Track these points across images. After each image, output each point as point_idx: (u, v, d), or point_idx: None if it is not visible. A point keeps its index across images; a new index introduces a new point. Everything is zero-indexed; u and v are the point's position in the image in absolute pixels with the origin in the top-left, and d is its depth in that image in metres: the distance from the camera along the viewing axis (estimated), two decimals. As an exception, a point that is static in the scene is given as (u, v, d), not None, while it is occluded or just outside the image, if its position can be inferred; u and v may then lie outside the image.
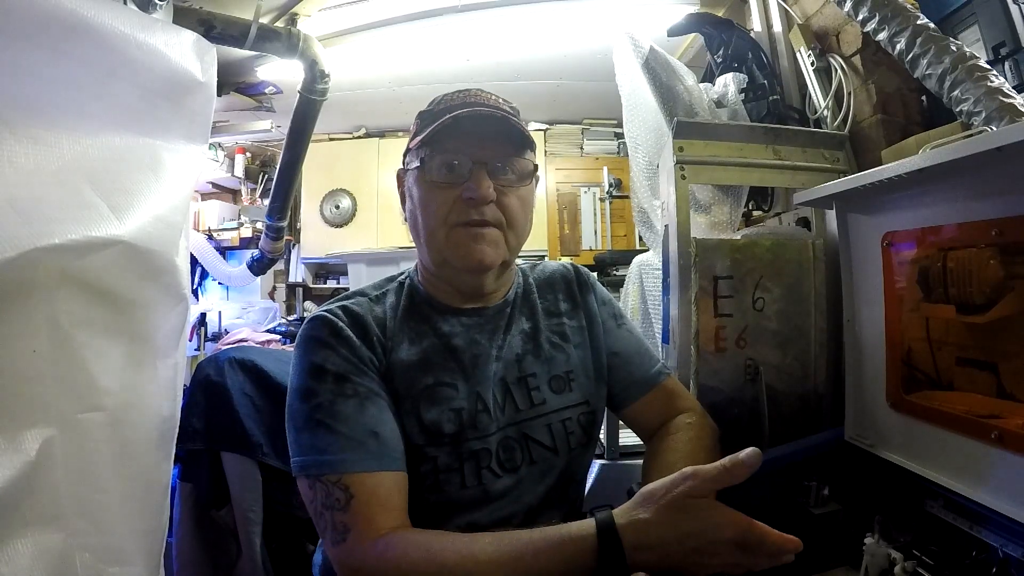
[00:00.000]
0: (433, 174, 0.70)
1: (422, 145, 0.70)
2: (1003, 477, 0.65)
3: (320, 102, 1.92)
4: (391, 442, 0.64)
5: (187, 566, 1.25)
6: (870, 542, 0.73)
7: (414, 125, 0.76)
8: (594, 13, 2.10)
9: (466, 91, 0.75)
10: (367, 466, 0.61)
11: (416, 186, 0.72)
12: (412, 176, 0.73)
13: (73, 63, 0.68)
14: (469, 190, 0.68)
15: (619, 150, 3.63)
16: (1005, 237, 0.66)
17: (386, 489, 0.62)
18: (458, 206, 0.69)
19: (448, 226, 0.70)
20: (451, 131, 0.68)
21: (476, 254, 0.69)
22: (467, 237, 0.69)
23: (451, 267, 0.72)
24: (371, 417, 0.64)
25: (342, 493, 0.60)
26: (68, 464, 0.65)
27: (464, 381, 0.72)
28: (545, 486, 0.73)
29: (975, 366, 0.74)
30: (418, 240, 0.75)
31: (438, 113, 0.71)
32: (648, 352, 0.85)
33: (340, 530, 0.59)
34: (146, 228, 0.76)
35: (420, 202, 0.72)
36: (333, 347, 0.67)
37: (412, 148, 0.73)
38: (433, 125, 0.69)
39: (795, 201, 1.06)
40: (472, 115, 0.68)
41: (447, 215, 0.69)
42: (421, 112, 0.76)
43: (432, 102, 0.76)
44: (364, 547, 0.58)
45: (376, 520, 0.59)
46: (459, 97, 0.74)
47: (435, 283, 0.77)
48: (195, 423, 1.21)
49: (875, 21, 0.98)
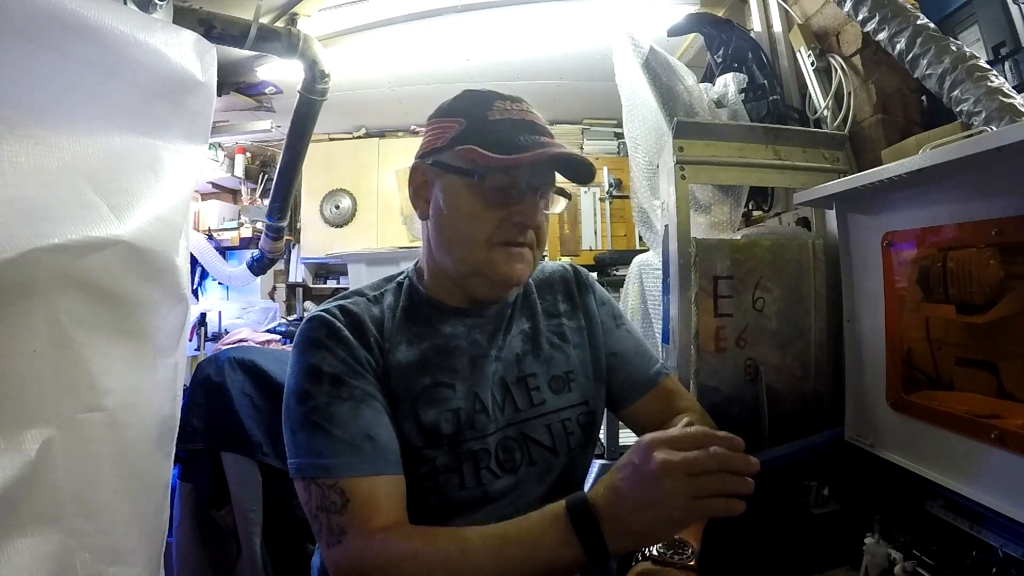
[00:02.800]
0: (491, 192, 0.68)
1: (483, 158, 0.67)
2: (1003, 477, 0.65)
3: (320, 102, 1.92)
4: (386, 445, 0.64)
5: (187, 566, 1.25)
6: (870, 542, 0.73)
7: (455, 123, 0.71)
8: (594, 13, 2.10)
9: (518, 103, 0.72)
10: (362, 470, 0.62)
11: (461, 195, 0.70)
12: (455, 181, 0.70)
13: (73, 63, 0.68)
14: (523, 216, 0.69)
15: (619, 150, 3.63)
16: (1005, 237, 0.66)
17: (382, 493, 0.62)
18: (506, 226, 0.69)
19: (491, 244, 0.69)
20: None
21: (514, 272, 0.70)
22: (506, 256, 0.70)
23: (482, 279, 0.71)
24: (366, 420, 0.64)
25: (338, 497, 0.60)
26: (68, 464, 0.65)
27: (462, 381, 0.71)
28: (545, 486, 0.73)
29: (975, 366, 0.74)
30: (445, 245, 0.72)
31: (500, 127, 0.68)
32: (647, 352, 0.85)
33: (336, 532, 0.60)
34: (146, 228, 0.77)
35: (466, 214, 0.69)
36: (330, 348, 0.67)
37: (462, 153, 0.68)
38: (519, 155, 0.66)
39: (795, 201, 1.06)
40: (556, 159, 0.69)
41: (493, 233, 0.69)
42: (466, 111, 0.71)
43: (475, 102, 0.72)
44: (360, 548, 0.58)
45: (372, 523, 0.59)
46: (516, 110, 0.71)
47: (442, 285, 0.76)
48: (195, 423, 1.21)
49: (875, 21, 0.98)
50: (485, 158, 0.66)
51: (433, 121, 0.74)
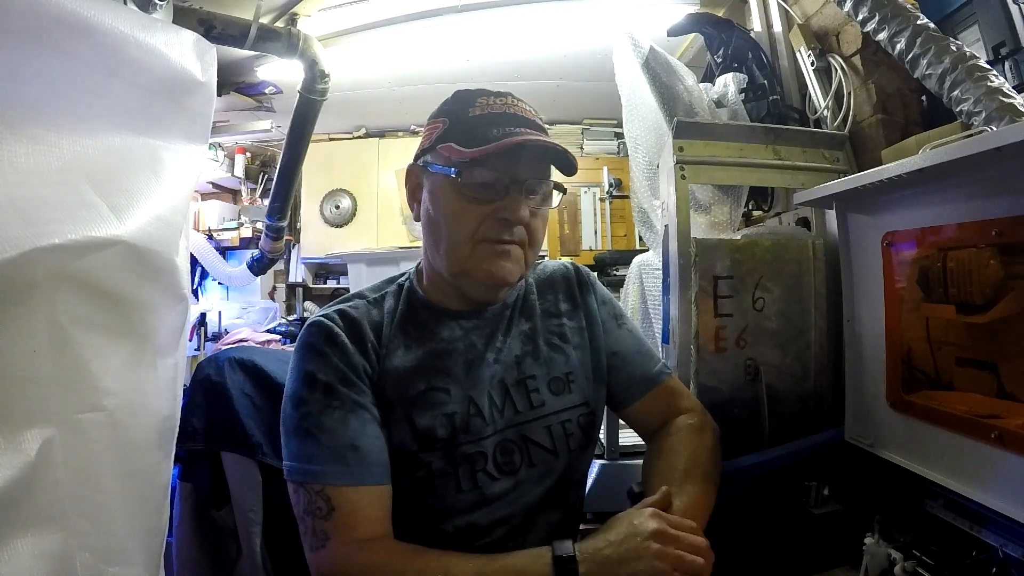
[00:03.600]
0: (469, 188, 0.67)
1: (457, 154, 0.66)
2: (1003, 477, 0.65)
3: (320, 102, 1.92)
4: (370, 456, 0.65)
5: (187, 566, 1.25)
6: (870, 542, 0.73)
7: (440, 122, 0.71)
8: (594, 13, 2.10)
9: (503, 98, 0.71)
10: (346, 480, 0.63)
11: (443, 194, 0.69)
12: (438, 180, 0.70)
13: (73, 63, 0.68)
14: (506, 211, 0.67)
15: (619, 150, 3.63)
16: (1005, 237, 0.66)
17: (366, 503, 0.63)
18: (489, 223, 0.68)
19: (475, 241, 0.68)
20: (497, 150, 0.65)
21: (500, 271, 0.69)
22: (492, 254, 0.69)
23: (469, 279, 0.71)
24: (352, 430, 0.65)
25: (324, 503, 0.62)
26: (68, 464, 0.65)
27: (457, 385, 0.71)
28: (544, 488, 0.73)
29: (975, 366, 0.74)
30: (435, 246, 0.72)
31: (477, 122, 0.68)
32: (649, 352, 0.85)
33: (321, 537, 0.62)
34: (146, 228, 0.76)
35: (448, 213, 0.69)
36: (326, 355, 0.68)
37: (441, 151, 0.69)
38: (485, 146, 0.65)
39: (795, 201, 1.06)
40: (532, 147, 0.66)
41: (476, 230, 0.68)
42: (449, 110, 0.71)
43: (460, 100, 0.71)
44: (345, 556, 0.61)
45: (356, 531, 0.61)
46: (498, 104, 0.70)
47: (439, 287, 0.76)
48: (195, 423, 1.21)
49: (875, 21, 0.98)
50: (457, 153, 0.66)
51: (427, 122, 0.74)
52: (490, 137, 0.66)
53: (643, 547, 0.56)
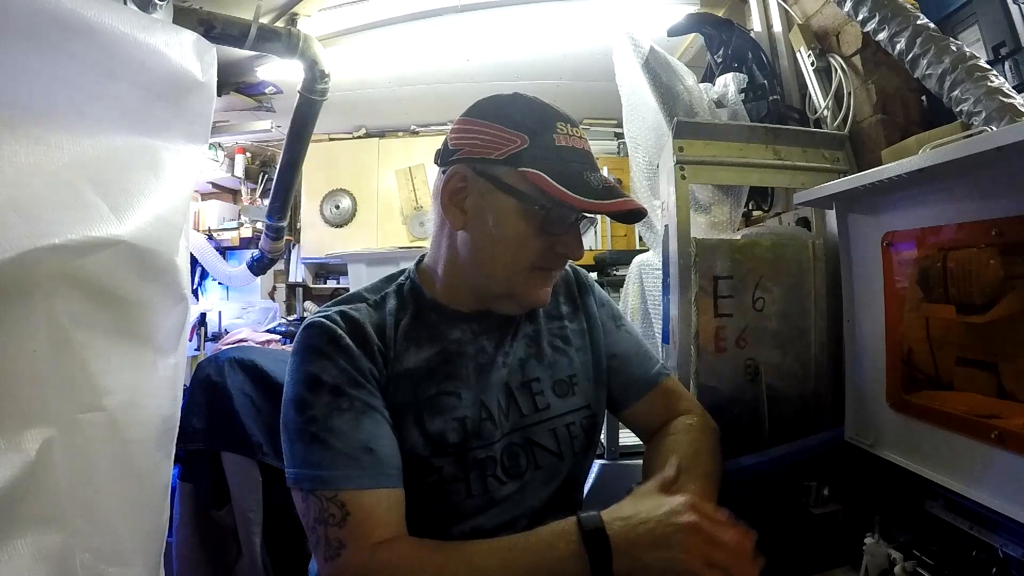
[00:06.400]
0: (547, 223, 0.67)
1: (557, 192, 0.64)
2: (1003, 477, 0.65)
3: (320, 102, 1.92)
4: (387, 458, 0.63)
5: (187, 566, 1.25)
6: (870, 542, 0.73)
7: (517, 137, 0.66)
8: (594, 13, 2.10)
9: (575, 128, 0.70)
10: (362, 483, 0.61)
11: (509, 216, 0.67)
12: (507, 202, 0.67)
13: (73, 63, 0.68)
14: (566, 248, 0.70)
15: (619, 150, 3.62)
16: (1005, 237, 0.66)
17: (383, 507, 0.61)
18: (548, 255, 0.70)
19: (531, 268, 0.70)
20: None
21: (544, 297, 0.73)
22: (541, 280, 0.72)
23: (512, 299, 0.72)
24: (366, 432, 0.63)
25: (337, 509, 0.59)
26: (68, 464, 0.65)
27: (468, 389, 0.71)
28: (550, 490, 0.73)
29: (975, 366, 0.74)
30: (482, 263, 0.70)
31: (565, 156, 0.67)
32: (648, 353, 0.85)
33: (335, 545, 0.59)
34: (146, 228, 0.76)
35: (512, 236, 0.68)
36: (330, 357, 0.65)
37: (526, 176, 0.65)
38: (600, 201, 0.65)
39: (795, 201, 1.06)
40: (620, 210, 0.68)
41: (536, 259, 0.69)
42: (526, 126, 0.67)
43: (537, 117, 0.68)
44: (362, 563, 0.58)
45: (372, 536, 0.59)
46: (575, 136, 0.69)
47: (456, 292, 0.74)
48: (195, 423, 1.21)
49: (875, 21, 0.98)
50: (559, 192, 0.64)
51: (479, 124, 0.69)
52: (587, 182, 0.66)
53: (678, 536, 0.55)
